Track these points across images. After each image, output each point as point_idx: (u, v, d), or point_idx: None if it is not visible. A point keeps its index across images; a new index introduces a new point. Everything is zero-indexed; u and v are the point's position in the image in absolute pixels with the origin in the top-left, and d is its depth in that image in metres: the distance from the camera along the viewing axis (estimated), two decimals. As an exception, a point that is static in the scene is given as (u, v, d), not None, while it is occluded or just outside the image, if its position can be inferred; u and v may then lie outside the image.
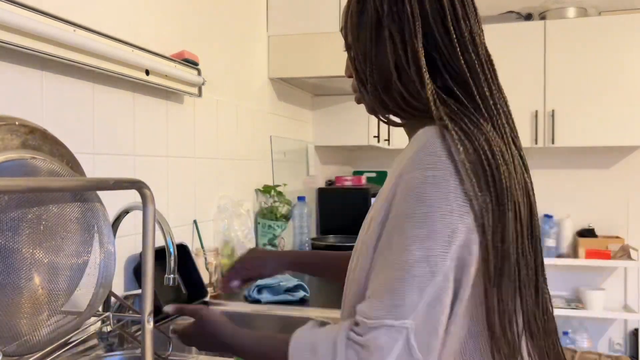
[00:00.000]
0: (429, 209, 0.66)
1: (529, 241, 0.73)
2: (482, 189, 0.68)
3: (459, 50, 0.72)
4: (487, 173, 0.68)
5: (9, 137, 0.73)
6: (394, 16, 0.72)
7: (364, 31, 0.76)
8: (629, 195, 3.56)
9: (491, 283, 0.68)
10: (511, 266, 0.69)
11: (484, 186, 0.68)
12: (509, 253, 0.69)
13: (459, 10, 0.72)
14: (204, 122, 1.85)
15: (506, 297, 0.69)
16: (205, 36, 1.87)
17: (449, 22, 0.72)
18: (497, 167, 0.69)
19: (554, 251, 3.48)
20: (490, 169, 0.68)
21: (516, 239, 0.70)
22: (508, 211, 0.69)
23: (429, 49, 0.72)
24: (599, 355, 3.03)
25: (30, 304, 0.73)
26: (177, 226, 1.69)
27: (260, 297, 1.61)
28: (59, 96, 1.21)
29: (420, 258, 0.66)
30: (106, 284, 0.85)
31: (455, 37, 0.72)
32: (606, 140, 3.25)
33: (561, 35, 3.30)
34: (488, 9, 3.81)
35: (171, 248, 1.06)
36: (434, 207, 0.66)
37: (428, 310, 0.66)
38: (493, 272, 0.68)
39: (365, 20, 0.76)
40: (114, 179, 0.67)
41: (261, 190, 2.29)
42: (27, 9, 1.05)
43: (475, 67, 0.73)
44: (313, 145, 2.98)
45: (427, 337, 0.66)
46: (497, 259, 0.68)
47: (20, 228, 0.72)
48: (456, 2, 0.73)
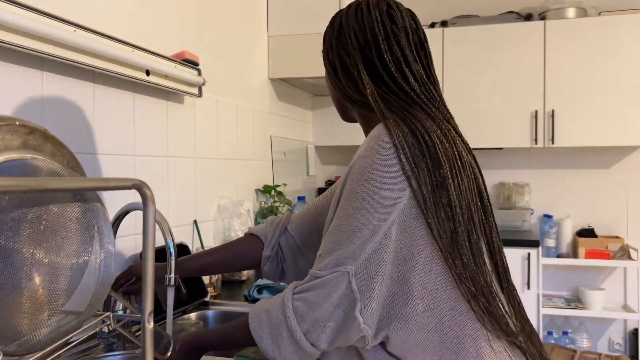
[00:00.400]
0: (372, 185, 0.83)
1: (478, 208, 0.88)
2: (421, 166, 0.84)
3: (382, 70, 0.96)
4: (424, 151, 0.85)
5: (10, 137, 0.73)
6: (340, 48, 1.01)
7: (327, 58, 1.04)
8: (629, 195, 3.56)
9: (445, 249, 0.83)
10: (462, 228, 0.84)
11: (423, 163, 0.84)
12: (455, 218, 0.84)
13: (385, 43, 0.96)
14: (204, 122, 1.85)
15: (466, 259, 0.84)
16: (206, 37, 1.87)
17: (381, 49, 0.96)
18: (433, 144, 0.86)
19: (554, 251, 3.49)
20: (427, 146, 0.85)
21: (460, 205, 0.85)
22: (448, 178, 0.84)
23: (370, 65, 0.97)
24: (599, 355, 3.03)
25: (31, 304, 0.74)
26: (177, 226, 1.69)
27: (261, 297, 1.61)
28: (59, 96, 1.22)
29: (362, 223, 0.83)
30: (106, 283, 0.85)
31: (386, 57, 0.96)
32: (606, 140, 3.25)
33: (561, 36, 3.30)
34: (488, 9, 3.82)
35: (171, 248, 1.06)
36: (377, 184, 0.83)
37: (368, 261, 0.81)
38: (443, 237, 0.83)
39: (326, 50, 1.04)
40: (114, 179, 0.68)
41: (261, 190, 2.29)
42: (27, 9, 1.05)
43: (396, 79, 0.95)
44: (313, 145, 2.98)
45: (366, 281, 0.81)
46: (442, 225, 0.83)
47: (20, 228, 0.72)
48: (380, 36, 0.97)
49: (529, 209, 3.61)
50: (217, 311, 1.54)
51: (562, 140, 3.31)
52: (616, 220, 3.58)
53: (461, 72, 3.45)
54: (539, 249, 3.19)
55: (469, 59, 3.45)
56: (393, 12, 0.99)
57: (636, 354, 3.40)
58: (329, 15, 2.35)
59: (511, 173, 3.75)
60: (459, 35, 3.47)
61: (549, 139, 3.31)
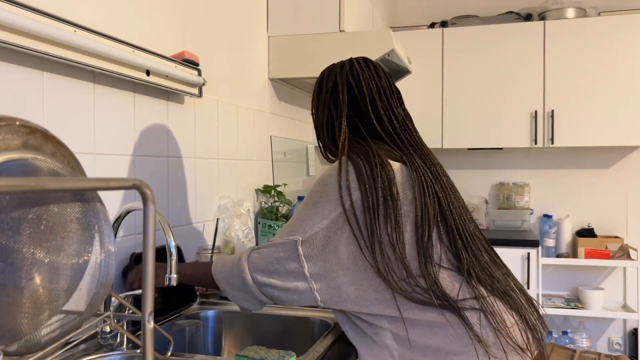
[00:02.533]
0: (318, 197, 1.14)
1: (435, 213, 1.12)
2: (358, 189, 1.11)
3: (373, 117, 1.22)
4: (362, 176, 1.11)
5: (10, 137, 0.73)
6: (331, 103, 1.25)
7: (317, 106, 1.29)
8: (628, 195, 3.56)
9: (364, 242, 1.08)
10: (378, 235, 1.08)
11: (361, 187, 1.10)
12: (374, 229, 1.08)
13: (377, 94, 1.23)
14: (204, 122, 1.85)
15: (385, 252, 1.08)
16: (206, 37, 1.87)
17: (374, 99, 1.23)
18: (371, 171, 1.11)
19: (554, 251, 3.49)
20: (367, 173, 1.11)
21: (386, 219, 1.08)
22: (379, 198, 1.09)
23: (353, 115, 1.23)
24: (599, 354, 3.03)
25: (31, 304, 0.74)
26: (178, 226, 1.69)
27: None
28: (59, 96, 1.22)
29: (308, 215, 1.12)
30: (107, 283, 0.85)
31: (375, 109, 1.22)
32: (605, 140, 3.25)
33: (561, 36, 3.30)
34: (488, 9, 3.82)
35: (172, 248, 1.06)
36: (322, 198, 1.13)
37: (311, 237, 1.10)
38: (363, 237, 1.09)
39: (317, 103, 1.29)
40: (115, 179, 0.68)
41: (261, 190, 2.29)
42: (27, 9, 1.06)
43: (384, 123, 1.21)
44: (313, 146, 2.98)
45: (311, 251, 1.09)
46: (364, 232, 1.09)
47: (21, 228, 0.72)
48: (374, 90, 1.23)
49: (528, 209, 3.61)
50: (218, 311, 1.54)
51: (562, 140, 3.31)
52: (616, 220, 3.59)
53: (461, 72, 3.45)
54: (538, 249, 3.19)
55: (469, 59, 3.45)
56: (377, 69, 1.26)
57: (636, 353, 3.40)
58: (329, 15, 2.36)
59: (511, 173, 3.75)
60: (458, 35, 3.47)
61: (548, 139, 3.32)
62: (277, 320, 1.49)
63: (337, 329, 1.33)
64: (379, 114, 1.21)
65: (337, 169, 1.14)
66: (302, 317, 1.47)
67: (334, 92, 1.24)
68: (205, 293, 1.68)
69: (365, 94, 1.21)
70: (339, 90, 1.23)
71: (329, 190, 1.12)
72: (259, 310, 1.19)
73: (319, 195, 1.13)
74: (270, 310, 1.52)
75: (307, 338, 1.46)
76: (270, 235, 2.19)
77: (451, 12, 3.89)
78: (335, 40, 2.29)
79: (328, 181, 1.14)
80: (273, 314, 1.50)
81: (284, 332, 1.48)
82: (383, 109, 1.21)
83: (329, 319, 1.43)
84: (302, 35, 2.35)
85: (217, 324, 1.53)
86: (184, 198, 1.72)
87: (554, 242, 3.49)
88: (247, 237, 1.90)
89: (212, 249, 1.69)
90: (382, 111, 1.21)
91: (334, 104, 1.23)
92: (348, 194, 1.10)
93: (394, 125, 1.21)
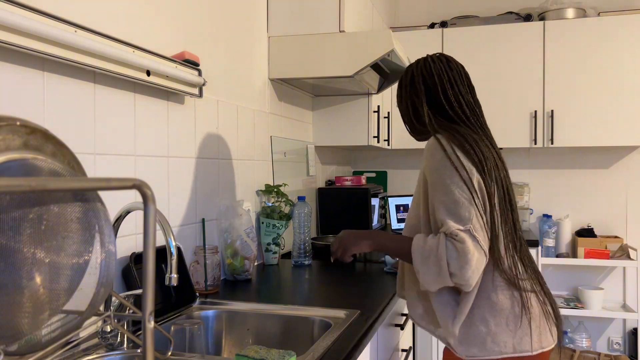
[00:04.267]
0: (450, 171, 1.31)
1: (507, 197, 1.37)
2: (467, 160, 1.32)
3: (445, 103, 1.44)
4: (467, 150, 1.33)
5: (11, 137, 0.73)
6: (410, 89, 1.50)
7: (401, 96, 1.53)
8: (628, 195, 3.57)
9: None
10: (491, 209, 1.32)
11: (469, 158, 1.32)
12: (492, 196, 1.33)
13: (447, 83, 1.45)
14: (205, 123, 1.85)
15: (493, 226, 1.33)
16: (206, 37, 1.88)
17: (445, 87, 1.45)
18: (471, 144, 1.34)
19: (553, 251, 3.49)
20: (471, 146, 1.33)
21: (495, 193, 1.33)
22: (487, 171, 1.32)
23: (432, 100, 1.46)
24: (598, 354, 3.04)
25: (32, 304, 0.74)
26: (178, 226, 1.69)
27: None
28: (60, 96, 1.22)
29: (459, 194, 1.29)
30: (107, 283, 0.85)
31: (446, 96, 1.44)
32: (605, 140, 3.25)
33: (560, 36, 3.31)
34: (488, 10, 3.82)
35: (172, 248, 1.06)
36: (452, 170, 1.31)
37: (476, 220, 1.27)
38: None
39: (400, 91, 1.53)
40: (115, 178, 0.68)
41: (262, 190, 2.29)
42: (28, 10, 1.06)
43: (454, 108, 1.43)
44: (313, 145, 2.98)
45: (480, 234, 1.27)
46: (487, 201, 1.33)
47: (21, 228, 0.73)
48: (445, 80, 1.45)
49: (528, 208, 3.61)
50: (218, 310, 1.54)
51: (562, 140, 3.31)
52: (615, 220, 3.59)
53: (461, 72, 3.45)
54: (538, 249, 3.19)
55: (469, 59, 3.45)
56: (450, 62, 1.47)
57: (635, 353, 3.40)
58: (329, 15, 2.36)
59: (510, 173, 3.75)
60: (458, 35, 3.47)
61: (548, 139, 3.32)
62: (277, 320, 1.49)
63: (337, 328, 1.33)
64: (450, 100, 1.43)
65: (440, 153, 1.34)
66: (302, 317, 1.47)
67: (412, 83, 1.48)
68: (206, 293, 1.68)
69: (436, 83, 1.44)
70: (416, 81, 1.47)
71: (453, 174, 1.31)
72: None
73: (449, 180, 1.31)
74: (270, 310, 1.52)
75: (307, 338, 1.46)
76: (274, 234, 2.20)
77: (451, 13, 3.89)
78: (335, 41, 2.29)
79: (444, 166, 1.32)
80: (273, 313, 1.50)
81: (284, 332, 1.49)
82: (453, 95, 1.43)
83: (329, 318, 1.43)
84: (302, 35, 2.35)
85: (217, 324, 1.54)
86: (184, 198, 1.72)
87: (554, 242, 3.49)
88: (248, 236, 1.90)
89: (204, 248, 1.69)
90: (452, 97, 1.43)
91: (415, 93, 1.47)
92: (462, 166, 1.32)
93: (464, 110, 1.42)
